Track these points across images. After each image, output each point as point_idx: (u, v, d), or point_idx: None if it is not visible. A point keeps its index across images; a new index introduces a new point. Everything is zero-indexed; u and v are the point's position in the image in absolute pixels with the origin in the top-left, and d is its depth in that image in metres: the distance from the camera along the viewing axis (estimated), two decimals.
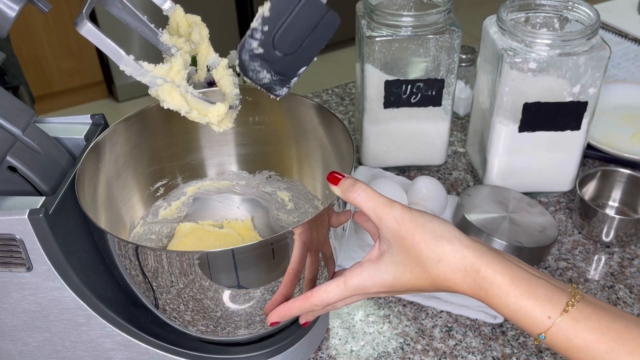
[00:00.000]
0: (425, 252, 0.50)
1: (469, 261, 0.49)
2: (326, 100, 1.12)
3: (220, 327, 0.59)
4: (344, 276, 0.53)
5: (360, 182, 0.53)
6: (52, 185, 0.59)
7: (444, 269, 0.50)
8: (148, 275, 0.54)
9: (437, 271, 0.50)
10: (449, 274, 0.50)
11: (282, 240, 0.53)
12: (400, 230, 0.51)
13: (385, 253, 0.52)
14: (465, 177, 0.94)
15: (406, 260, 0.51)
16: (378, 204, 0.52)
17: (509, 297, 0.48)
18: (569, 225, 0.86)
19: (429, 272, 0.50)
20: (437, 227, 0.51)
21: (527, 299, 0.47)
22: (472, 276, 0.49)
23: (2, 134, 0.56)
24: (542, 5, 0.83)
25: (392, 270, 0.52)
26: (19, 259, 0.55)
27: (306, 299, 0.54)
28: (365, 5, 0.84)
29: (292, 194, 0.74)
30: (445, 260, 0.50)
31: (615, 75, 1.17)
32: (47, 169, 0.59)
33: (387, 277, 0.52)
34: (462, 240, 0.50)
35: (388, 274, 0.52)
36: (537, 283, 0.48)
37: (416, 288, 0.52)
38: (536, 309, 0.47)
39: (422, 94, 0.86)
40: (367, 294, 0.54)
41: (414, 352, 0.69)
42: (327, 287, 0.54)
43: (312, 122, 0.68)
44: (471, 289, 0.49)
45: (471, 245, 0.50)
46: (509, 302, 0.48)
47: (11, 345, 0.62)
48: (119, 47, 0.50)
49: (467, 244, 0.50)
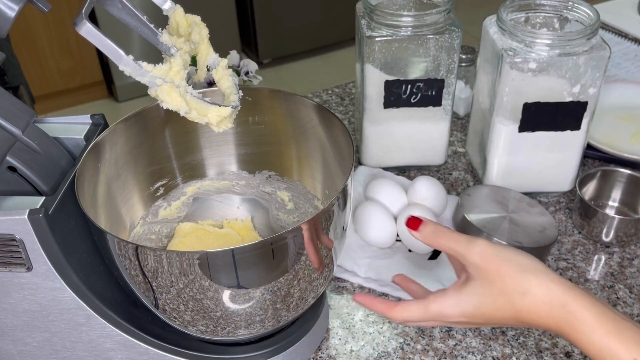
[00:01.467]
0: (511, 285, 0.50)
1: (555, 295, 0.49)
2: (326, 100, 1.12)
3: (220, 327, 0.59)
4: (427, 300, 0.54)
5: (440, 227, 0.54)
6: (52, 185, 0.59)
7: (529, 302, 0.50)
8: (148, 275, 0.54)
9: (521, 303, 0.50)
10: (533, 306, 0.50)
11: (282, 240, 0.53)
12: (485, 264, 0.51)
13: (469, 284, 0.52)
14: (465, 177, 0.94)
15: (489, 292, 0.51)
16: (459, 244, 0.53)
17: (595, 334, 0.47)
18: (569, 225, 0.86)
19: (512, 304, 0.50)
20: (523, 261, 0.51)
21: (614, 339, 0.47)
22: (557, 310, 0.49)
23: (2, 134, 0.55)
24: (542, 5, 0.83)
25: (474, 301, 0.52)
26: (19, 259, 0.55)
27: (388, 308, 0.55)
28: (365, 5, 0.84)
29: (292, 194, 0.74)
30: (530, 293, 0.50)
31: (615, 75, 1.16)
32: (47, 169, 0.59)
33: (468, 307, 0.52)
34: (549, 274, 0.50)
35: (470, 303, 0.52)
36: (625, 324, 0.47)
37: (497, 320, 0.52)
38: (621, 349, 0.46)
39: (422, 94, 0.86)
40: (446, 322, 0.54)
41: (414, 352, 0.69)
42: (409, 307, 0.55)
43: (312, 122, 0.68)
44: (556, 323, 0.49)
45: (558, 280, 0.50)
46: (594, 339, 0.47)
47: (11, 345, 0.62)
48: (118, 47, 0.50)
49: (553, 278, 0.50)
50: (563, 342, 0.70)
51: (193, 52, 0.58)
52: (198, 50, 0.59)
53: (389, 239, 0.80)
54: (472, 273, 0.52)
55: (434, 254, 0.79)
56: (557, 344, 0.70)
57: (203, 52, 0.59)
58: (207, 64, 0.59)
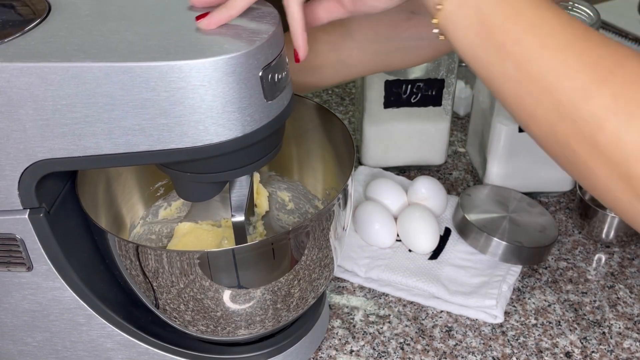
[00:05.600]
0: None
1: None
2: (326, 100, 1.12)
3: (220, 327, 0.59)
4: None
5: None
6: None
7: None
8: (148, 275, 0.54)
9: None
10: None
11: (282, 240, 0.53)
12: None
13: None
14: (465, 177, 0.94)
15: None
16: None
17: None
18: (569, 225, 0.86)
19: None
20: None
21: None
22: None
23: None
24: None
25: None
26: (19, 258, 0.55)
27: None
28: None
29: (292, 194, 0.74)
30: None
31: None
32: None
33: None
34: None
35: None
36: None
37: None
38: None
39: (422, 94, 0.86)
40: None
41: (414, 352, 0.69)
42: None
43: (312, 122, 0.68)
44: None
45: None
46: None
47: (11, 345, 0.62)
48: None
49: None
50: (563, 342, 0.70)
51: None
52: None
53: (389, 239, 0.80)
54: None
55: (434, 254, 0.79)
56: (557, 344, 0.70)
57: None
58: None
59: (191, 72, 0.44)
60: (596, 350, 0.69)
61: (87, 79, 0.44)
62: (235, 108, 0.46)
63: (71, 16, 0.50)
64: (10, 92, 0.45)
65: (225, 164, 0.51)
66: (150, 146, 0.47)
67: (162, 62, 0.44)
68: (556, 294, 0.76)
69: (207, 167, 0.51)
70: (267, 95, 0.48)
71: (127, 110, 0.45)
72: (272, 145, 0.53)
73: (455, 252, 0.79)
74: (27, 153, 0.48)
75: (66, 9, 0.51)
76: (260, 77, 0.46)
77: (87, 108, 0.46)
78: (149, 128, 0.46)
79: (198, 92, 0.45)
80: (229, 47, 0.45)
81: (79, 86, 0.45)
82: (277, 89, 0.49)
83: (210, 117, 0.46)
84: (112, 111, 0.46)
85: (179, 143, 0.47)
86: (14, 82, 0.45)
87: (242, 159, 0.51)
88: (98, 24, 0.49)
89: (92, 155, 0.48)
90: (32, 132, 0.47)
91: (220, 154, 0.48)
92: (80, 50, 0.45)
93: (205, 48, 0.45)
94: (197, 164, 0.50)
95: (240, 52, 0.45)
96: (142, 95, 0.45)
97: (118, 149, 0.48)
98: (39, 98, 0.45)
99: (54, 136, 0.47)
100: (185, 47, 0.45)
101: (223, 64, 0.44)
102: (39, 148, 0.48)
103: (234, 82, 0.45)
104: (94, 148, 0.48)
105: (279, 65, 0.48)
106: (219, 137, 0.47)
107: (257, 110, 0.47)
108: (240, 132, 0.47)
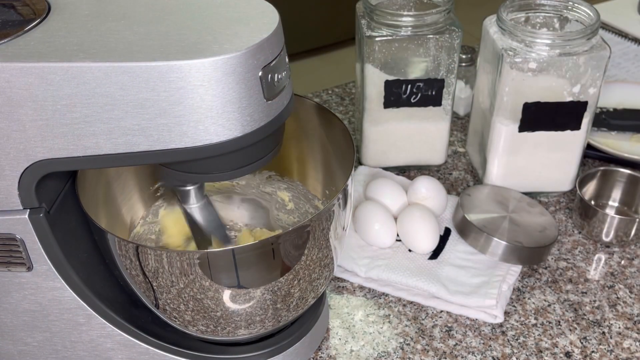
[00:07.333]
0: None
1: None
2: (326, 100, 1.12)
3: (220, 327, 0.59)
4: None
5: None
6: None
7: None
8: (148, 275, 0.54)
9: None
10: None
11: (282, 240, 0.53)
12: None
13: None
14: (465, 177, 0.94)
15: None
16: None
17: None
18: (569, 225, 0.86)
19: None
20: None
21: None
22: None
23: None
24: (542, 5, 0.83)
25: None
26: (19, 258, 0.55)
27: None
28: (365, 5, 0.84)
29: (293, 194, 0.74)
30: None
31: (615, 75, 1.17)
32: None
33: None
34: None
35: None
36: None
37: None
38: None
39: (422, 94, 0.86)
40: None
41: (414, 352, 0.69)
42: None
43: (312, 122, 0.68)
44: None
45: None
46: None
47: (11, 345, 0.62)
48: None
49: None
50: (563, 342, 0.70)
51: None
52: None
53: (389, 239, 0.80)
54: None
55: (434, 253, 0.79)
56: (557, 344, 0.70)
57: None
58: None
59: (191, 72, 0.44)
60: (596, 350, 0.69)
61: (87, 79, 0.44)
62: (235, 108, 0.46)
63: (71, 16, 0.50)
64: (10, 92, 0.45)
65: (225, 164, 0.51)
66: (150, 146, 0.47)
67: (161, 62, 0.44)
68: (556, 294, 0.76)
69: (207, 167, 0.51)
70: (267, 95, 0.48)
71: (127, 110, 0.46)
72: (272, 146, 0.53)
73: (455, 252, 0.79)
74: (27, 153, 0.48)
75: (66, 9, 0.51)
76: (260, 77, 0.46)
77: (86, 108, 0.46)
78: (148, 128, 0.46)
79: (198, 92, 0.45)
80: (228, 47, 0.45)
81: (78, 86, 0.45)
82: (277, 88, 0.49)
83: (210, 117, 0.46)
84: (112, 111, 0.46)
85: (179, 143, 0.47)
86: (14, 82, 0.45)
87: (242, 159, 0.51)
88: (98, 23, 0.49)
89: (92, 155, 0.48)
90: (32, 132, 0.47)
91: (220, 154, 0.48)
92: (80, 50, 0.45)
93: (205, 48, 0.45)
94: (197, 164, 0.50)
95: (239, 52, 0.45)
96: (142, 95, 0.45)
97: (118, 149, 0.48)
98: (38, 98, 0.45)
99: (53, 136, 0.47)
100: (185, 47, 0.45)
101: (223, 63, 0.44)
102: (39, 148, 0.48)
103: (234, 82, 0.45)
104: (93, 148, 0.48)
105: (278, 65, 0.48)
106: (219, 137, 0.47)
107: (256, 110, 0.47)
108: (240, 132, 0.47)
